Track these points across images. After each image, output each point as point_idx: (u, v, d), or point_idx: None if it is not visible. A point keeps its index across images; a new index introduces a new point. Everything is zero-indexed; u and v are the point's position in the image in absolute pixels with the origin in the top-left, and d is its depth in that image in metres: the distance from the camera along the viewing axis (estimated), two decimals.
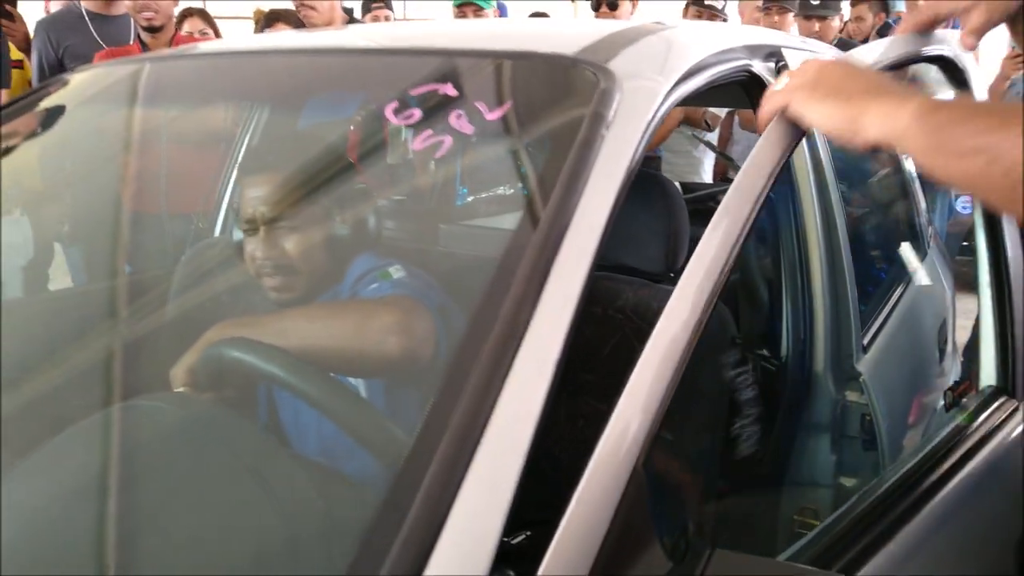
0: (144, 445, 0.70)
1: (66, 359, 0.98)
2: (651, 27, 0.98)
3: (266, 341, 0.85)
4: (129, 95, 1.29)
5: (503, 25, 1.40)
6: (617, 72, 0.81)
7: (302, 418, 0.99)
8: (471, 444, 0.52)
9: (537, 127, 0.81)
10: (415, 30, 1.27)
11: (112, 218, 1.48)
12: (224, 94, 1.27)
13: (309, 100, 1.12)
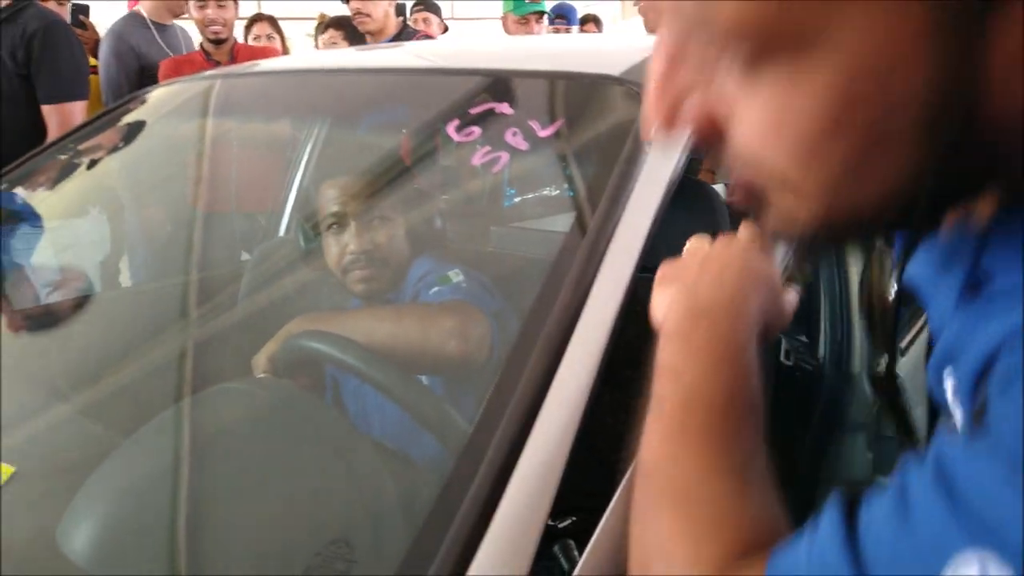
0: (237, 423, 0.80)
1: (157, 347, 1.09)
2: None
3: (341, 333, 0.94)
4: (208, 108, 1.41)
5: (551, 44, 1.47)
6: None
7: (366, 406, 1.09)
8: (523, 434, 0.60)
9: (585, 143, 0.88)
10: (470, 49, 1.36)
11: (190, 216, 1.61)
12: (294, 108, 1.37)
13: (373, 114, 1.21)
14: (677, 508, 0.42)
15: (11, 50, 2.20)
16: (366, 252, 1.09)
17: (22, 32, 2.22)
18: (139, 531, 0.74)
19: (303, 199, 1.63)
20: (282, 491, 0.71)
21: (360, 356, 0.85)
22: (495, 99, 0.91)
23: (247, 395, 0.87)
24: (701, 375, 0.48)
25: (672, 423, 0.46)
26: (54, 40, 2.26)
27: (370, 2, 2.75)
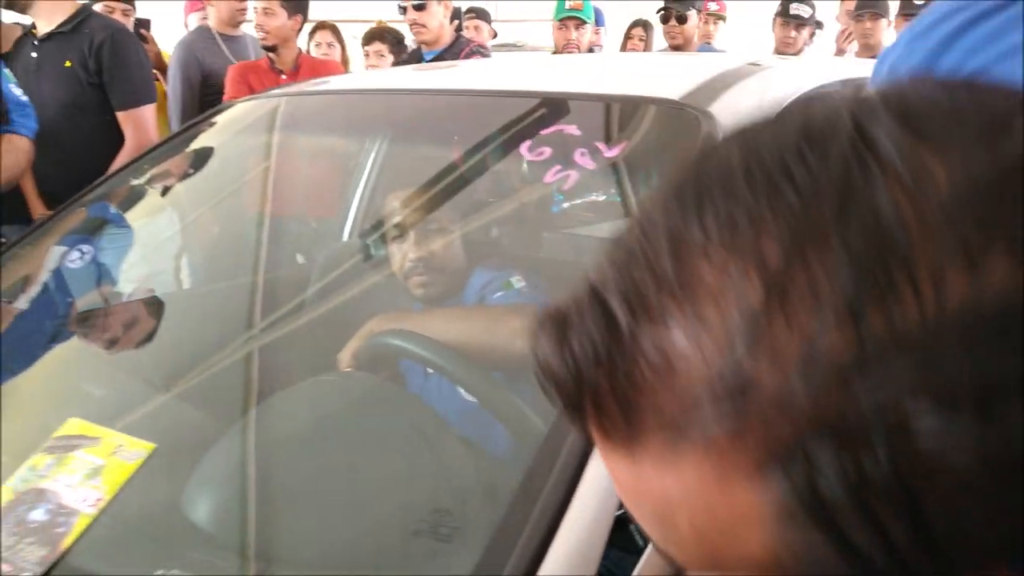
0: (336, 410, 0.91)
1: (252, 342, 1.21)
2: (748, 68, 1.12)
3: (417, 331, 1.05)
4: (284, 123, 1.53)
5: (613, 65, 1.55)
6: (717, 115, 0.96)
7: (430, 399, 1.19)
8: None
9: (648, 164, 0.97)
10: (537, 70, 1.45)
11: (264, 220, 1.73)
12: (366, 125, 1.48)
13: (440, 131, 1.31)
14: None
15: (82, 61, 2.29)
16: (423, 260, 1.19)
17: (90, 43, 2.29)
18: (252, 498, 0.85)
19: (369, 207, 1.75)
20: (385, 467, 0.81)
21: (443, 354, 0.94)
22: (564, 121, 1.00)
23: (338, 385, 0.97)
24: None
25: None
26: (122, 48, 2.35)
27: (425, 13, 2.83)
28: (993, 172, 0.26)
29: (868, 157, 0.27)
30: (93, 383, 1.16)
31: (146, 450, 0.82)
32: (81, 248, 1.44)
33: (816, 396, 0.25)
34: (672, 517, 0.30)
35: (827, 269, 0.25)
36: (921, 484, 0.25)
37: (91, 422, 0.86)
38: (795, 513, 0.26)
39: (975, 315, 0.24)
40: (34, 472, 0.82)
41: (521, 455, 0.91)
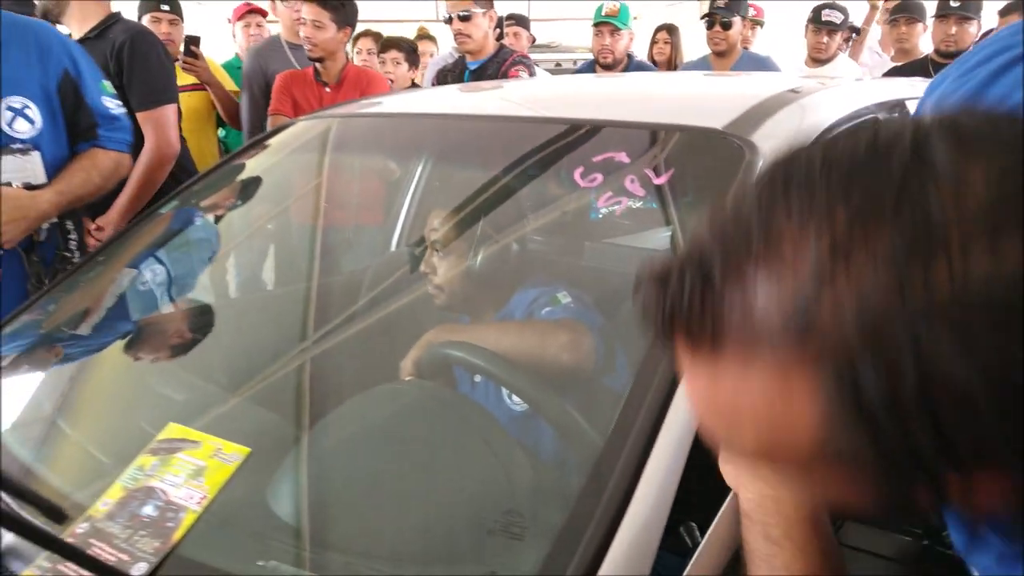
0: (406, 415, 0.99)
1: (317, 350, 1.30)
2: (787, 96, 1.18)
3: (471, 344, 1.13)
4: (336, 142, 1.63)
5: (658, 89, 1.62)
6: (759, 144, 1.03)
7: (495, 403, 1.27)
8: (655, 430, 0.76)
9: (694, 191, 1.04)
10: (577, 94, 1.52)
11: (315, 231, 1.83)
12: (412, 147, 1.57)
13: (487, 156, 1.39)
14: None
15: (104, 64, 2.31)
16: (428, 276, 1.32)
17: (111, 46, 2.34)
18: (333, 496, 0.94)
19: (415, 222, 1.84)
20: (456, 470, 0.89)
21: (502, 366, 1.03)
22: (615, 149, 1.08)
23: (405, 393, 1.06)
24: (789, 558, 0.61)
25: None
26: (142, 48, 2.36)
27: (470, 24, 2.90)
28: (1019, 182, 0.36)
29: (922, 165, 0.37)
30: (175, 389, 1.26)
31: (242, 453, 0.91)
32: (153, 268, 1.54)
33: (864, 327, 0.34)
34: (740, 415, 0.40)
35: (882, 239, 0.35)
36: (939, 396, 0.34)
37: (189, 427, 0.96)
38: (840, 414, 0.36)
39: (993, 285, 0.33)
40: (142, 472, 0.92)
41: (576, 460, 0.99)
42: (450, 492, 0.88)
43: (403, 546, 0.84)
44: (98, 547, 0.83)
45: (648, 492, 0.75)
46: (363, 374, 1.27)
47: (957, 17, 3.29)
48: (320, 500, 0.93)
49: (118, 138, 1.98)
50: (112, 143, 1.95)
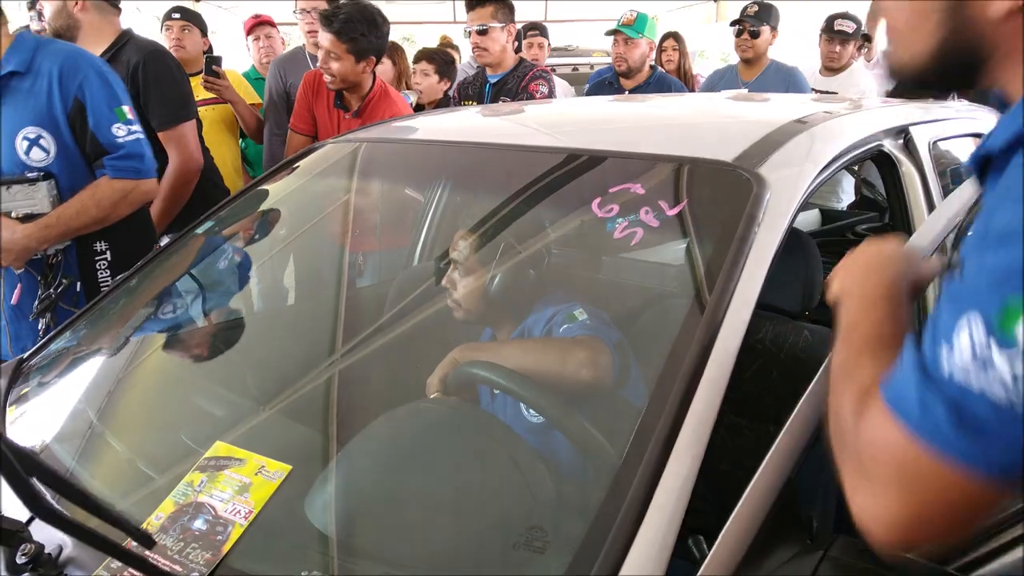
0: (435, 432, 1.06)
1: (346, 368, 1.37)
2: (795, 127, 1.24)
3: (496, 362, 1.19)
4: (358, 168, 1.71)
5: (671, 120, 1.67)
6: (767, 176, 1.09)
7: (501, 417, 1.33)
8: (669, 446, 0.82)
9: (705, 222, 1.10)
10: (596, 122, 1.58)
11: (339, 251, 1.90)
12: (432, 173, 1.64)
13: (508, 182, 1.45)
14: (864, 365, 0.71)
15: None
16: (448, 290, 1.39)
17: (126, 67, 2.36)
18: (364, 509, 1.01)
19: (435, 242, 1.91)
20: (485, 485, 0.96)
21: (525, 385, 1.09)
22: (630, 180, 1.14)
23: (434, 410, 1.13)
24: (879, 310, 0.77)
25: (858, 335, 0.75)
26: (156, 67, 2.39)
27: (487, 38, 2.96)
28: None
29: None
30: (215, 405, 1.34)
31: (284, 470, 0.98)
32: (188, 287, 1.61)
33: None
34: None
35: None
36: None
37: (234, 445, 1.03)
38: None
39: None
40: (191, 488, 0.99)
41: (594, 475, 1.05)
42: (478, 507, 0.95)
43: (433, 557, 0.91)
44: (154, 559, 0.90)
45: (662, 505, 0.81)
46: (392, 389, 1.34)
47: None
48: (355, 513, 1.00)
49: (126, 166, 1.97)
50: (117, 172, 1.96)
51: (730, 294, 0.96)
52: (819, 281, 1.53)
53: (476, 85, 3.14)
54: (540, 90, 2.89)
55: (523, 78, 2.96)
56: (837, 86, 3.74)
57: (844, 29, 3.70)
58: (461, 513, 0.94)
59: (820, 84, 3.78)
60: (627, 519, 0.80)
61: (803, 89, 3.55)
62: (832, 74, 3.80)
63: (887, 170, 1.41)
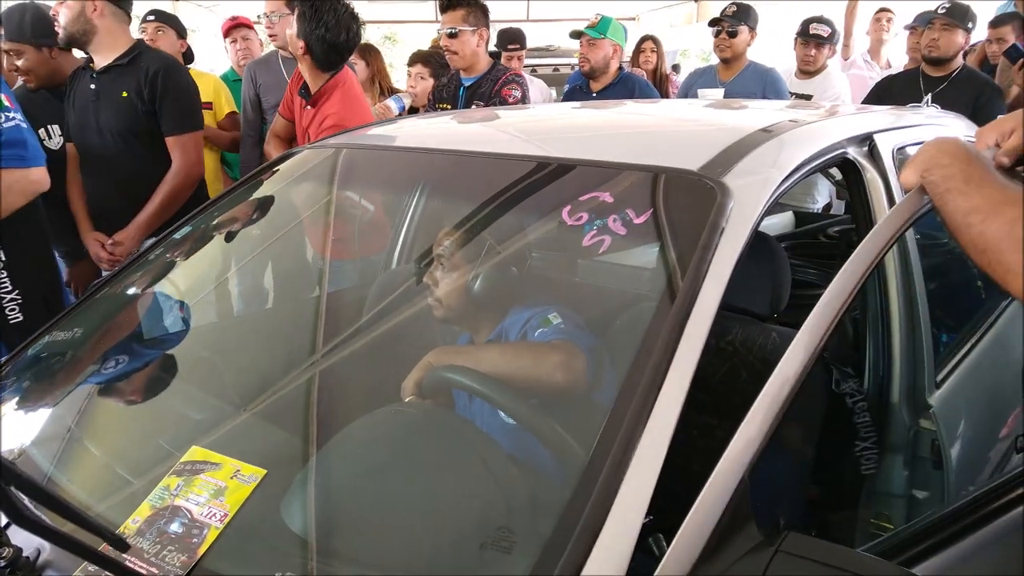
0: (409, 436, 1.09)
1: (323, 371, 1.39)
2: (760, 136, 1.27)
3: (470, 366, 1.22)
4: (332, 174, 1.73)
5: (641, 128, 1.71)
6: (731, 185, 1.12)
7: (478, 419, 1.36)
8: (632, 446, 0.84)
9: (671, 230, 1.13)
10: (567, 130, 1.61)
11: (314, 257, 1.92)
12: (406, 178, 1.66)
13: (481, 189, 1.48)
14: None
15: (138, 92, 2.51)
16: (430, 289, 1.41)
17: (144, 73, 2.53)
18: (339, 511, 1.03)
19: (413, 245, 1.93)
20: (457, 488, 0.99)
21: (498, 389, 1.12)
22: (599, 189, 1.17)
23: (408, 414, 1.16)
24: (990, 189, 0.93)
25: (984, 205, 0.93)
26: (174, 79, 2.57)
27: (457, 41, 2.98)
28: None
29: None
30: (191, 409, 1.35)
31: (259, 474, 1.00)
32: (165, 291, 1.62)
33: None
34: None
35: None
36: None
37: (211, 449, 1.05)
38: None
39: None
40: (167, 492, 1.01)
41: (562, 475, 1.08)
42: (449, 509, 0.97)
43: (405, 559, 0.93)
44: (131, 562, 0.92)
45: (625, 505, 0.83)
46: (369, 393, 1.37)
47: (942, 23, 3.35)
48: (330, 516, 1.02)
49: (10, 154, 2.00)
50: (11, 161, 2.00)
51: (694, 299, 0.99)
52: (787, 284, 1.57)
53: (451, 88, 3.17)
54: (513, 95, 2.91)
55: (496, 82, 2.98)
56: (813, 89, 3.80)
57: (819, 33, 3.76)
58: (433, 515, 0.97)
59: (796, 87, 3.84)
60: (591, 518, 0.82)
61: (780, 89, 3.61)
62: (808, 77, 3.86)
63: (852, 176, 1.45)
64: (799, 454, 1.46)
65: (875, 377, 1.49)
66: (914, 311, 1.47)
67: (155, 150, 2.56)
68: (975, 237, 0.91)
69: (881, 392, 1.47)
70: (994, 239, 0.88)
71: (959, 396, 1.54)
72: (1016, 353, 1.87)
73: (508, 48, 4.31)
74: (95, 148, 2.56)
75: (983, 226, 0.90)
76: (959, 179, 0.98)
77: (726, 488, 0.83)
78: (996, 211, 0.90)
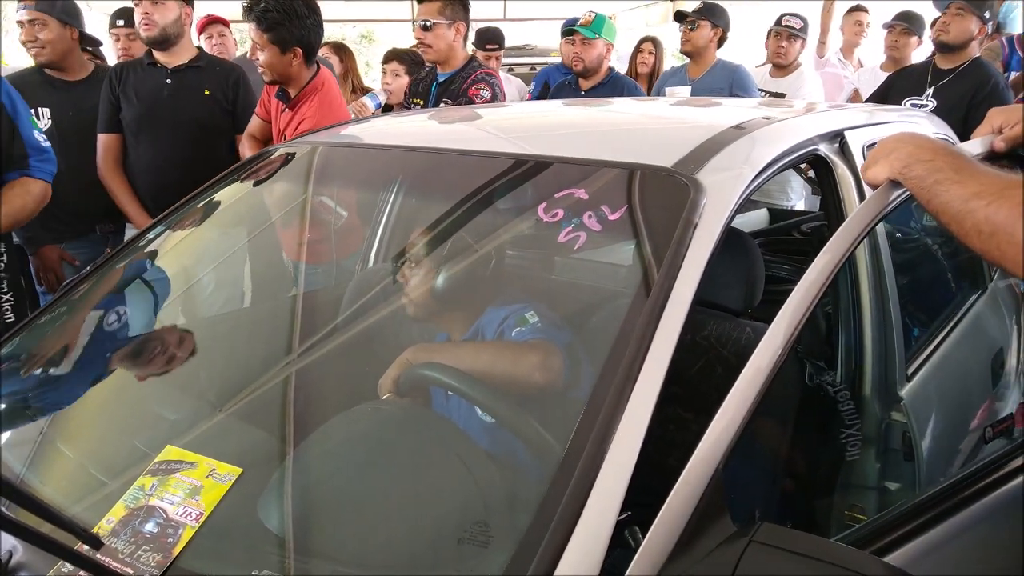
0: (387, 433, 1.09)
1: (301, 369, 1.39)
2: (732, 133, 1.29)
3: (449, 364, 1.22)
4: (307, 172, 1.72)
5: (617, 126, 1.72)
6: (704, 181, 1.13)
7: (455, 417, 1.36)
8: (607, 441, 0.85)
9: (645, 226, 1.14)
10: (543, 127, 1.62)
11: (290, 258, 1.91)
12: (383, 177, 1.67)
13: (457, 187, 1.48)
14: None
15: (222, 91, 2.83)
16: (402, 286, 1.43)
17: (226, 76, 2.86)
18: (316, 509, 1.03)
19: (390, 245, 1.93)
20: (435, 484, 0.99)
21: (476, 387, 1.12)
22: (574, 186, 1.18)
23: (384, 411, 1.16)
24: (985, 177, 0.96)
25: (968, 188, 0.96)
26: (247, 85, 2.90)
27: (431, 34, 2.92)
28: None
29: None
30: (166, 409, 1.34)
31: (234, 473, 1.00)
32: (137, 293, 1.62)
33: None
34: None
35: None
36: None
37: (187, 449, 1.05)
38: None
39: None
40: (142, 491, 1.00)
41: (539, 470, 1.08)
42: (427, 505, 0.97)
43: (383, 556, 0.93)
44: (105, 561, 0.91)
45: (600, 500, 0.84)
46: (346, 391, 1.36)
47: (957, 7, 3.18)
48: (307, 514, 1.02)
49: (46, 169, 2.14)
50: (40, 172, 2.12)
51: (668, 294, 1.00)
52: (761, 280, 1.59)
53: (426, 82, 3.13)
54: (481, 95, 2.83)
55: (466, 80, 2.93)
56: (786, 87, 3.85)
57: (792, 25, 3.82)
58: (411, 511, 0.97)
59: (770, 85, 3.89)
60: (568, 511, 0.83)
61: (747, 84, 3.65)
62: (782, 73, 3.90)
63: (823, 173, 1.47)
64: (774, 447, 1.48)
65: (847, 370, 1.51)
66: (885, 306, 1.49)
67: (217, 141, 2.84)
68: (980, 221, 0.93)
69: (853, 385, 1.50)
70: (1005, 221, 0.90)
71: (930, 389, 1.56)
72: (986, 346, 1.91)
73: (486, 48, 4.31)
74: (165, 137, 2.77)
75: (989, 210, 0.92)
76: (948, 170, 1.00)
77: (700, 481, 0.84)
78: (1002, 195, 0.92)
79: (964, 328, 1.80)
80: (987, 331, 1.96)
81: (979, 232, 0.94)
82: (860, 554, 0.80)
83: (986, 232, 0.93)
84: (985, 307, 1.96)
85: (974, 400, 1.78)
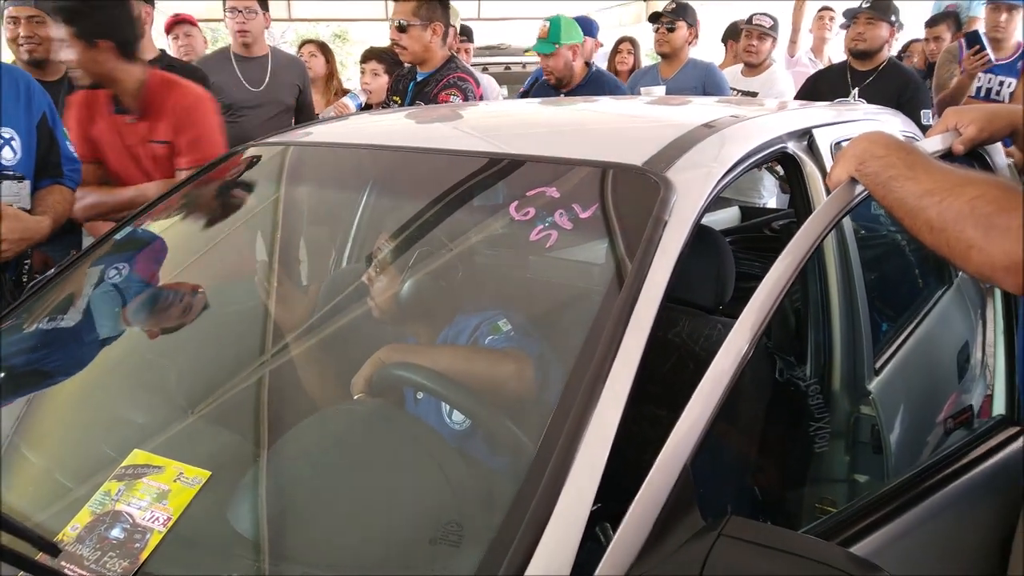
0: (360, 434, 1.08)
1: (274, 370, 1.37)
2: (702, 131, 1.30)
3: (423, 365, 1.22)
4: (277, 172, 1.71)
5: (589, 125, 1.72)
6: (674, 180, 1.14)
7: (425, 417, 1.35)
8: (578, 439, 0.85)
9: (616, 224, 1.14)
10: (516, 127, 1.62)
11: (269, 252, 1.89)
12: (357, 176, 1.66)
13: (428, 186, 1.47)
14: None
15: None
16: (377, 293, 1.41)
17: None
18: (288, 511, 1.02)
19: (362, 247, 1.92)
20: (407, 485, 0.98)
21: (450, 387, 1.12)
22: (546, 184, 1.18)
23: (356, 411, 1.15)
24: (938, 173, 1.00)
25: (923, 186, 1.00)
26: (209, 86, 2.88)
27: (406, 36, 2.88)
28: None
29: None
30: (134, 412, 1.32)
31: (203, 476, 0.99)
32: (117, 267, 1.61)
33: None
34: None
35: None
36: None
37: (153, 453, 1.03)
38: None
39: None
40: (109, 497, 0.99)
41: (510, 470, 1.08)
42: (399, 506, 0.97)
43: (355, 557, 0.93)
44: (69, 569, 0.90)
45: (570, 499, 0.85)
46: (318, 392, 1.35)
47: (867, 17, 3.41)
48: (277, 517, 1.01)
49: (76, 179, 2.19)
50: (71, 182, 2.17)
51: (639, 290, 1.01)
52: (731, 277, 1.60)
53: (406, 80, 3.11)
54: (451, 99, 2.79)
55: (438, 84, 2.90)
56: (758, 86, 3.88)
57: (762, 23, 3.86)
58: (383, 512, 0.97)
59: (741, 84, 3.92)
60: (539, 509, 0.83)
61: (719, 82, 3.69)
62: (753, 72, 3.94)
63: (792, 171, 1.49)
64: (744, 442, 1.49)
65: (817, 365, 1.52)
66: (853, 302, 1.51)
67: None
68: (932, 218, 0.96)
69: (823, 380, 1.51)
70: (955, 217, 0.93)
71: (898, 382, 1.59)
72: (952, 340, 1.94)
73: (460, 39, 4.28)
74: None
75: (941, 206, 0.95)
76: (901, 166, 1.03)
77: (669, 476, 0.84)
78: (953, 192, 0.95)
79: (931, 323, 1.83)
80: (953, 326, 1.99)
81: (931, 228, 0.96)
82: (826, 545, 0.82)
83: (937, 227, 0.95)
84: (951, 302, 2.00)
85: (941, 393, 1.81)
